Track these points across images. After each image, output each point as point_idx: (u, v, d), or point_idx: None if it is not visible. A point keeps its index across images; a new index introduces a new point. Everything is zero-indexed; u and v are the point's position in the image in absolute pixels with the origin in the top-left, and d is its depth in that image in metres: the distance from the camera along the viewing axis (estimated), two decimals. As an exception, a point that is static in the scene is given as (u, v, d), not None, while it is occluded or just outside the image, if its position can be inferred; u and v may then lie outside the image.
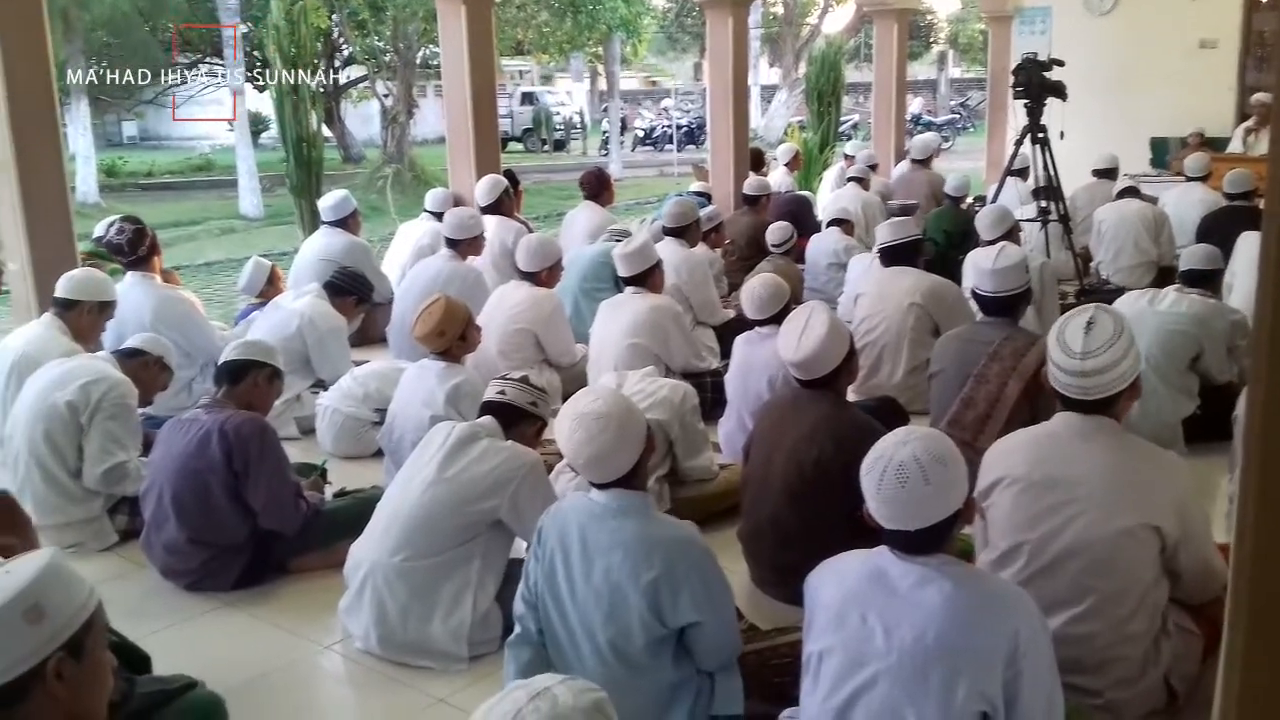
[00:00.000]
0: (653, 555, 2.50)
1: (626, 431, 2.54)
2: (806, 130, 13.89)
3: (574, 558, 2.58)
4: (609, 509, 2.58)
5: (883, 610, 2.16)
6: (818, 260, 7.22)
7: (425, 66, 22.16)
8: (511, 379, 3.40)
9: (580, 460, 2.56)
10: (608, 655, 2.52)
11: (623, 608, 2.51)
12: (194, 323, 5.45)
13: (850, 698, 2.18)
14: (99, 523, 4.02)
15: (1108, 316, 2.65)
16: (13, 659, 1.75)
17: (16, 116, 5.37)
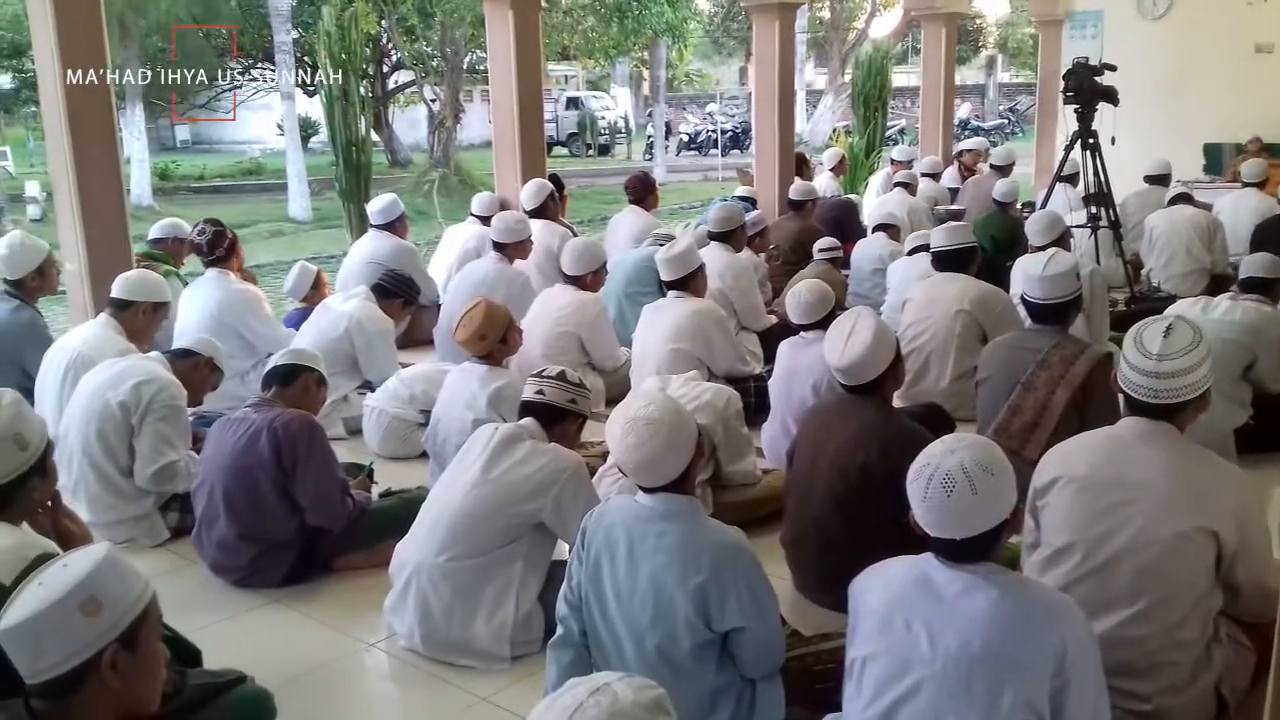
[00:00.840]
0: (700, 559, 2.50)
1: (677, 437, 2.55)
2: (852, 135, 13.82)
3: (620, 560, 2.59)
4: (656, 512, 2.59)
5: (928, 617, 2.15)
6: (862, 266, 7.18)
7: (472, 71, 22.35)
8: (549, 377, 3.39)
9: (630, 465, 2.57)
10: (653, 658, 2.52)
11: (669, 611, 2.52)
12: (259, 316, 5.61)
13: (893, 704, 2.17)
14: (151, 520, 4.10)
15: (1186, 325, 2.65)
16: (69, 650, 1.80)
17: (75, 121, 5.49)
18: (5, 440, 2.51)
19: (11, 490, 2.52)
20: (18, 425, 2.53)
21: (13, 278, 5.09)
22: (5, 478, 2.50)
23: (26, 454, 2.53)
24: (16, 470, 2.52)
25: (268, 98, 27.37)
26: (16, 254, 5.09)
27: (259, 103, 28.65)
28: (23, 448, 2.52)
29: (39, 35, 5.58)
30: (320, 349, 5.10)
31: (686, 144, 29.78)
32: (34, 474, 2.55)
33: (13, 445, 2.51)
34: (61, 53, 5.42)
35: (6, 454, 2.51)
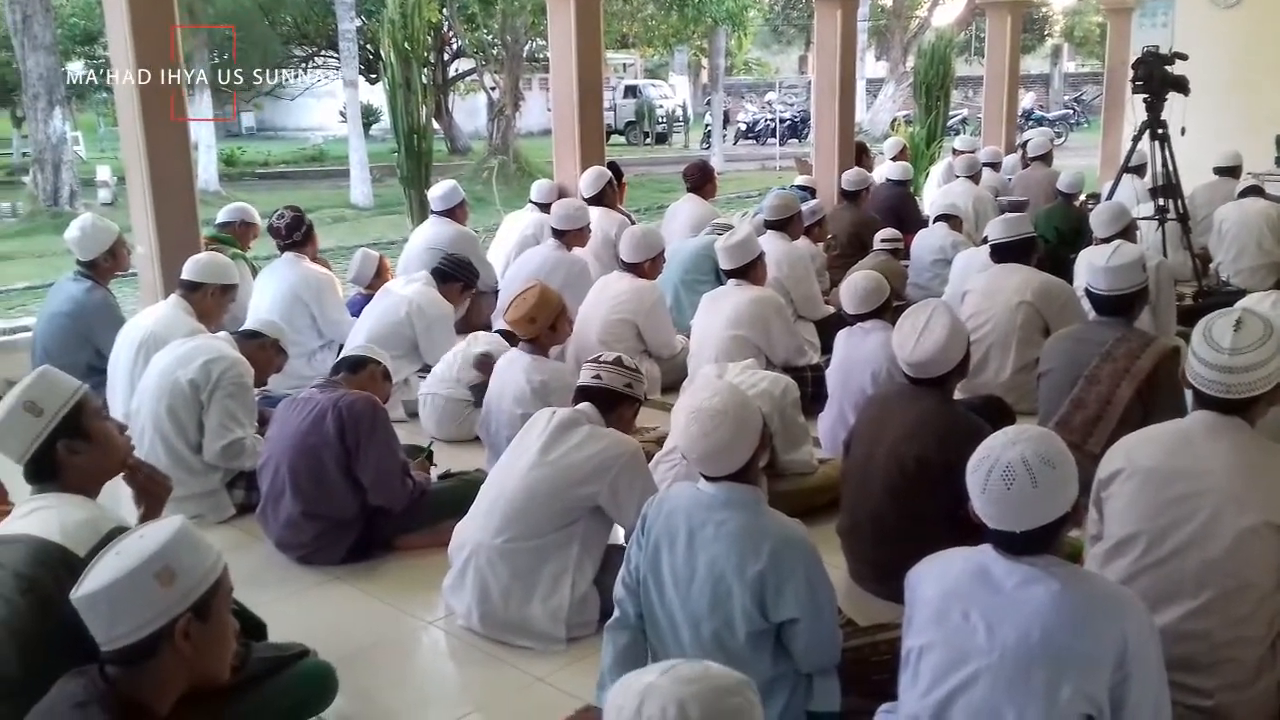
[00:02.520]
0: (760, 548, 2.51)
1: (742, 427, 2.55)
2: (913, 124, 13.66)
3: (679, 546, 2.60)
4: (718, 500, 2.60)
5: (985, 608, 2.14)
6: (923, 256, 7.11)
7: (532, 59, 22.42)
8: (605, 362, 3.41)
9: (695, 454, 2.57)
10: (709, 645, 2.53)
11: (726, 599, 2.53)
12: (330, 301, 5.72)
13: (950, 694, 2.16)
14: (217, 496, 4.20)
15: (1256, 319, 2.60)
16: (144, 618, 1.85)
17: (147, 108, 5.62)
18: (15, 410, 2.49)
19: (43, 458, 2.50)
20: (29, 393, 2.51)
21: (85, 259, 5.23)
22: (30, 446, 2.49)
23: (43, 417, 2.49)
24: (38, 436, 2.49)
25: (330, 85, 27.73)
26: (89, 235, 5.22)
27: (322, 90, 29.03)
28: (38, 412, 2.49)
29: (113, 24, 5.72)
30: (381, 332, 5.22)
31: (744, 133, 29.62)
32: (59, 437, 2.50)
33: (26, 413, 2.48)
34: (136, 42, 5.55)
35: (20, 423, 2.48)
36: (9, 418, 2.49)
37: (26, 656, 2.33)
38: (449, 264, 5.85)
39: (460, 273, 5.84)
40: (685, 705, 1.43)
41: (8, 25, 16.47)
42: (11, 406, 2.50)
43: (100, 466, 2.58)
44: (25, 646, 2.34)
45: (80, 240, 5.22)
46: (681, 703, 1.43)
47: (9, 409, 2.50)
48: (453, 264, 5.87)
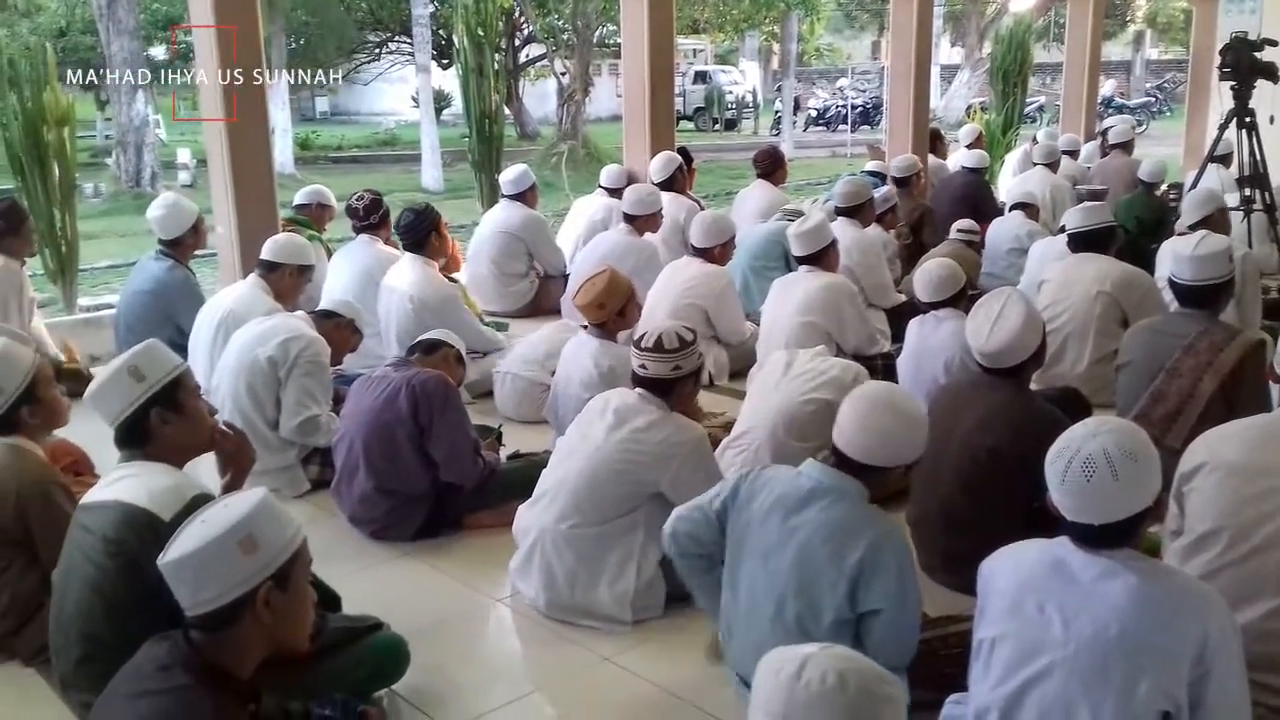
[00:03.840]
0: (858, 538, 2.50)
1: (916, 435, 2.60)
2: (989, 111, 13.42)
3: (773, 524, 2.61)
4: (822, 486, 2.59)
5: (1062, 601, 2.11)
6: (998, 245, 6.99)
7: (602, 45, 22.46)
8: (647, 349, 3.31)
9: (849, 437, 2.57)
10: (791, 627, 2.54)
11: (815, 584, 2.53)
12: None
13: (1022, 687, 2.14)
14: (293, 471, 4.29)
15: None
16: (228, 585, 1.90)
17: (229, 91, 5.74)
18: (119, 373, 2.59)
19: (136, 423, 2.59)
20: (134, 360, 2.61)
21: (167, 237, 5.36)
22: (126, 408, 2.58)
23: (144, 383, 2.58)
24: (135, 401, 2.58)
25: (403, 71, 28.05)
26: (171, 214, 5.36)
27: (395, 75, 29.39)
28: (140, 378, 2.59)
29: (197, 12, 5.85)
30: (409, 330, 5.21)
31: (815, 119, 29.33)
32: (155, 404, 2.59)
33: (128, 377, 2.58)
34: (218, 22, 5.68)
35: (122, 386, 2.58)
36: (112, 379, 2.59)
37: (114, 617, 2.42)
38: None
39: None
40: (845, 676, 1.50)
41: (93, 10, 16.92)
42: (116, 369, 2.60)
43: (187, 441, 2.66)
44: (112, 608, 2.43)
45: (163, 219, 5.35)
46: (841, 674, 1.50)
47: (113, 371, 2.60)
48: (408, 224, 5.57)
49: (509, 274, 6.97)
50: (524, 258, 7.03)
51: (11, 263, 5.29)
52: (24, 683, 3.00)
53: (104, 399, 2.60)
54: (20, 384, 3.03)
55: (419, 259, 5.49)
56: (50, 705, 2.83)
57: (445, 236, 5.69)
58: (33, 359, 3.12)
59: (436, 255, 5.58)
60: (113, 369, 2.60)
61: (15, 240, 5.33)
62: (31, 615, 2.97)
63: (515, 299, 6.99)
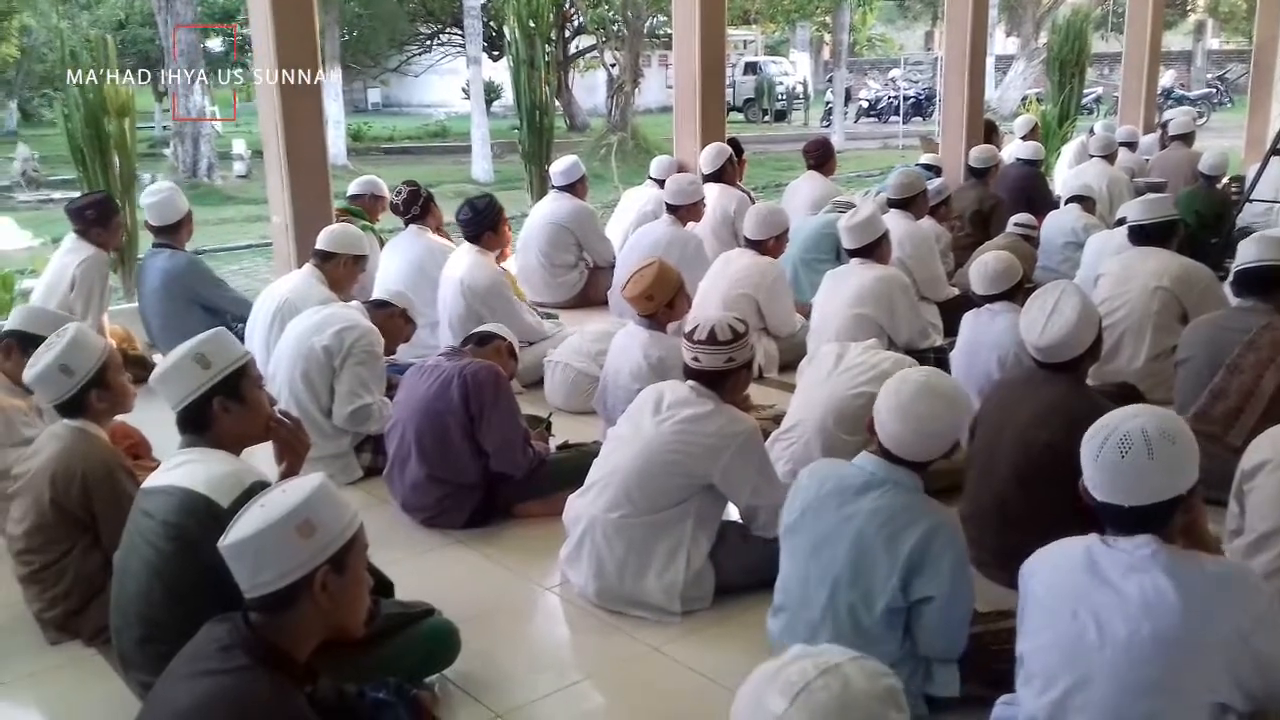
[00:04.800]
0: (913, 526, 2.52)
1: (958, 423, 2.62)
2: (1045, 103, 13.21)
3: (827, 515, 2.63)
4: (878, 476, 2.61)
5: (1094, 604, 2.09)
6: (1054, 239, 6.88)
7: (652, 36, 22.42)
8: (699, 342, 3.31)
9: (905, 431, 2.58)
10: (843, 616, 2.55)
11: (869, 572, 2.54)
12: None
13: (1066, 693, 2.12)
14: (346, 458, 4.34)
15: None
16: (285, 568, 1.93)
17: (285, 83, 5.82)
18: (185, 358, 2.64)
19: (198, 409, 2.62)
20: (202, 347, 2.66)
21: (162, 223, 5.47)
22: (189, 395, 2.62)
23: (210, 371, 2.62)
24: (199, 388, 2.62)
25: (454, 62, 28.22)
26: (165, 201, 5.48)
27: (445, 67, 29.58)
28: (205, 365, 2.63)
29: (255, 6, 5.92)
30: (460, 315, 5.28)
31: (866, 110, 29.08)
32: (217, 393, 2.62)
33: (195, 364, 2.63)
34: (275, 18, 5.74)
35: (188, 372, 2.62)
36: (178, 365, 2.64)
37: (172, 600, 2.47)
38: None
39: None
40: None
41: (152, 3, 17.21)
42: (183, 355, 2.65)
43: (246, 429, 2.70)
44: (171, 591, 2.48)
45: (158, 205, 5.48)
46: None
47: (180, 357, 2.65)
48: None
49: (558, 265, 7.00)
50: (573, 249, 7.05)
51: (99, 253, 5.42)
52: (85, 662, 3.07)
53: (169, 383, 2.65)
54: (92, 368, 3.10)
55: (475, 247, 5.55)
56: (110, 684, 2.89)
57: (504, 233, 5.73)
58: (105, 345, 3.21)
59: (492, 247, 5.63)
60: (179, 354, 2.65)
61: (104, 232, 5.46)
62: (94, 595, 3.04)
63: (564, 290, 7.02)
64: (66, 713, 2.88)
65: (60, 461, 3.03)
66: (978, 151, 7.98)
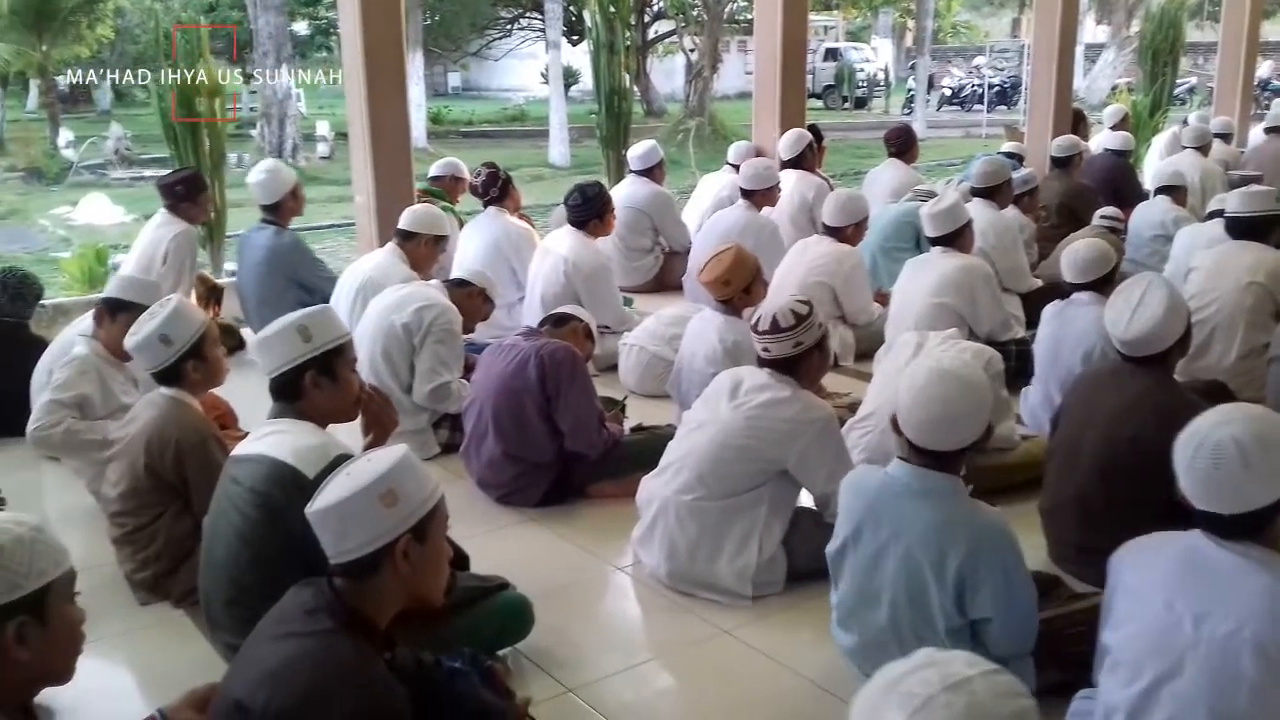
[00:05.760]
0: (956, 545, 2.47)
1: (979, 407, 2.52)
2: (1135, 92, 12.86)
3: (872, 534, 2.61)
4: (912, 488, 2.55)
5: (1193, 598, 2.05)
6: (1142, 231, 6.70)
7: (732, 21, 22.29)
8: (764, 332, 3.29)
9: (923, 419, 2.50)
10: (907, 635, 2.53)
11: (923, 594, 2.51)
12: (528, 253, 5.88)
13: (1152, 684, 2.08)
14: (424, 435, 4.42)
15: None
16: (369, 536, 1.97)
17: (370, 65, 5.92)
18: (289, 328, 2.71)
19: (292, 379, 2.70)
20: (306, 320, 2.73)
21: (269, 202, 5.58)
22: (285, 364, 2.69)
23: (309, 344, 2.70)
24: (295, 358, 2.69)
25: (533, 47, 28.39)
26: (271, 179, 5.59)
27: (524, 52, 29.76)
28: (306, 338, 2.70)
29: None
30: (552, 293, 5.34)
31: (949, 98, 28.59)
32: (312, 367, 2.69)
33: (296, 335, 2.70)
34: (363, 2, 5.84)
35: (289, 341, 2.70)
36: (281, 334, 2.72)
37: (258, 565, 2.55)
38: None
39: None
40: None
41: (241, -15, 17.61)
42: (287, 324, 2.74)
43: (333, 406, 2.78)
44: (257, 556, 2.56)
45: (264, 183, 5.59)
46: None
47: (284, 326, 2.73)
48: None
49: (634, 249, 7.02)
50: (649, 233, 7.06)
51: (189, 229, 5.58)
52: (173, 623, 3.18)
53: (268, 350, 2.73)
54: (190, 339, 3.21)
55: (578, 231, 5.63)
56: (197, 645, 2.99)
57: (609, 223, 5.81)
58: (203, 318, 3.32)
59: (596, 235, 5.70)
60: (284, 323, 2.75)
61: (193, 206, 5.63)
62: (183, 559, 3.15)
63: (640, 274, 7.03)
64: (155, 671, 2.98)
65: (155, 428, 3.14)
66: (1060, 141, 7.80)
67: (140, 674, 3.02)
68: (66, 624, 1.81)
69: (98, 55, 20.48)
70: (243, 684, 1.91)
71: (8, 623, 1.70)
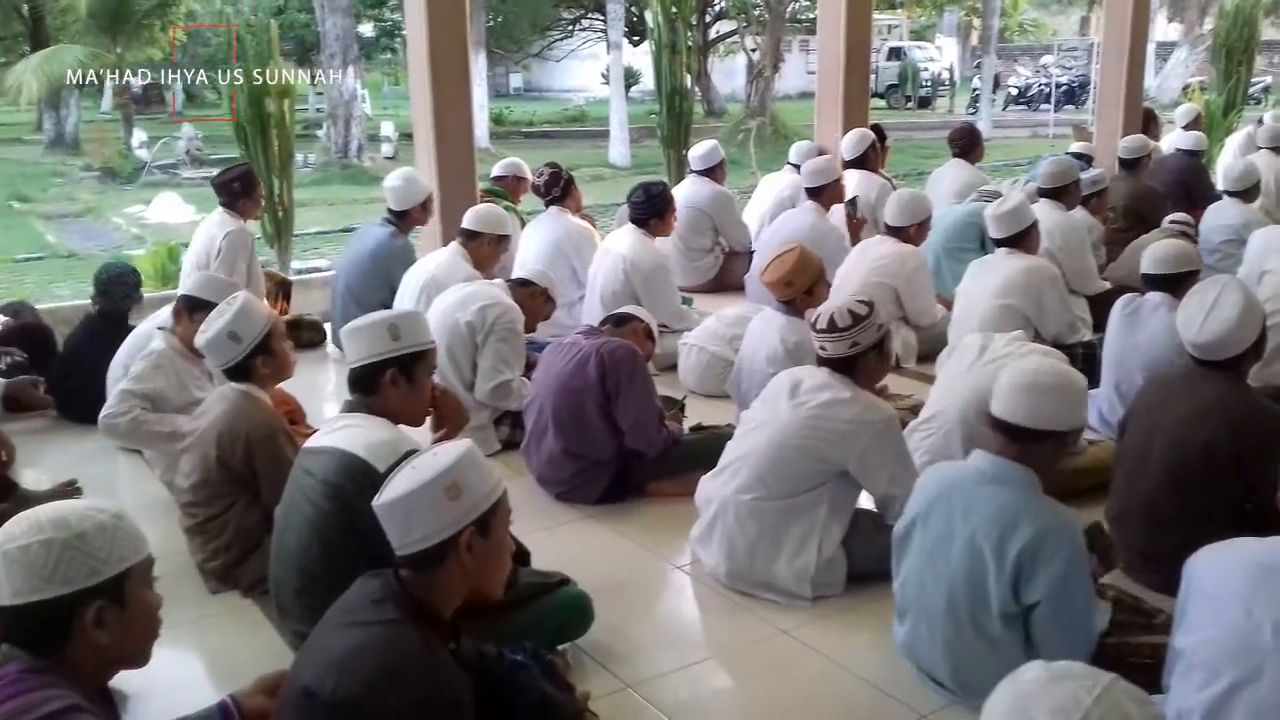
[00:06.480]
0: (1024, 528, 2.46)
1: (1074, 403, 2.58)
2: (1208, 92, 12.56)
3: (939, 517, 2.61)
4: (987, 475, 2.58)
5: (1274, 605, 2.00)
6: (1212, 235, 6.54)
7: (794, 21, 22.18)
8: (821, 331, 3.29)
9: (1009, 387, 2.57)
10: (964, 621, 2.53)
11: (982, 576, 2.50)
12: (588, 253, 5.92)
13: (1230, 689, 2.04)
14: (485, 431, 4.46)
15: None
16: (434, 527, 2.01)
17: (436, 68, 6.00)
18: (380, 324, 2.79)
19: (372, 374, 2.77)
20: (397, 321, 2.81)
21: (399, 208, 5.65)
22: (369, 357, 2.77)
23: (396, 343, 2.78)
24: (380, 354, 2.76)
25: (594, 48, 28.50)
26: (405, 188, 5.65)
27: (585, 52, 29.91)
28: (395, 337, 2.78)
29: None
30: (611, 290, 5.36)
31: (1015, 98, 28.18)
32: (393, 365, 2.77)
33: (386, 332, 2.78)
34: (429, 3, 5.92)
35: (378, 336, 2.78)
36: (372, 327, 2.81)
37: (328, 555, 2.60)
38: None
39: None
40: None
41: (310, -11, 17.90)
42: (379, 320, 2.83)
43: (405, 408, 2.84)
44: (327, 546, 2.61)
45: (397, 190, 5.65)
46: None
47: (376, 320, 2.83)
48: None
49: (694, 249, 7.02)
50: (709, 233, 7.06)
51: (244, 226, 5.68)
52: (242, 612, 3.26)
53: (356, 340, 2.81)
54: (258, 335, 3.29)
55: (639, 230, 5.66)
56: (265, 634, 3.06)
57: (670, 223, 5.86)
58: (270, 314, 3.40)
59: (656, 234, 5.75)
60: (377, 317, 2.84)
61: (249, 202, 5.75)
62: (252, 549, 3.23)
63: (699, 274, 7.03)
64: (224, 658, 3.06)
65: (226, 422, 3.22)
66: (1128, 141, 7.63)
67: (210, 661, 3.09)
68: (144, 609, 1.86)
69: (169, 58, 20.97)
70: (311, 670, 1.96)
71: (88, 606, 1.76)
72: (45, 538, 1.74)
